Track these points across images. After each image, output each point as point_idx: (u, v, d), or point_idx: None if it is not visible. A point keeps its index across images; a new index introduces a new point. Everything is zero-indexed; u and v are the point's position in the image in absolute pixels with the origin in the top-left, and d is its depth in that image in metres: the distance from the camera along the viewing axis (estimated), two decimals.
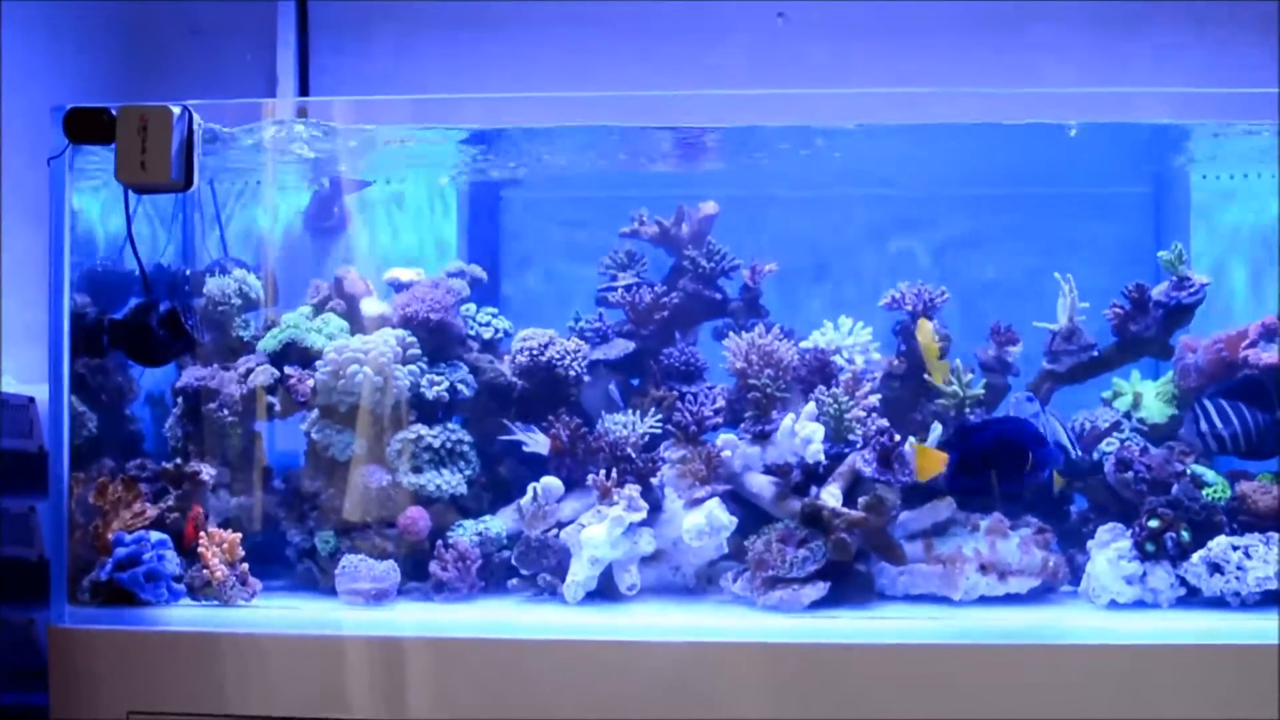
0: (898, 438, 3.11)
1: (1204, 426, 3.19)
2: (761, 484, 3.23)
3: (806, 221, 3.93)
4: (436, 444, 3.30)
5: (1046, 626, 2.96)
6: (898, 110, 3.18)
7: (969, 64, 3.95)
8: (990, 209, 3.93)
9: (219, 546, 3.12)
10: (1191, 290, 3.24)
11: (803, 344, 3.44)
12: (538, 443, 3.30)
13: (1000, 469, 2.98)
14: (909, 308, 3.40)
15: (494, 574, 3.23)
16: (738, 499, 3.24)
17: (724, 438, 3.30)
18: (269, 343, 3.43)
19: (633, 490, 3.15)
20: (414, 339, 3.38)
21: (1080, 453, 3.22)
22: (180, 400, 3.41)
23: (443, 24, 4.06)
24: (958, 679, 2.84)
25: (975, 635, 2.92)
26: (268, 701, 2.93)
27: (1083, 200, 3.94)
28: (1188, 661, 2.82)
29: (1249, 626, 2.86)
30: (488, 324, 3.54)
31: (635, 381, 3.55)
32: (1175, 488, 3.14)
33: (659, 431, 3.32)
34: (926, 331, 3.29)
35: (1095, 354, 3.32)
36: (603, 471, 3.19)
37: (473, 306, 3.56)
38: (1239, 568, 2.98)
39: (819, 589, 3.00)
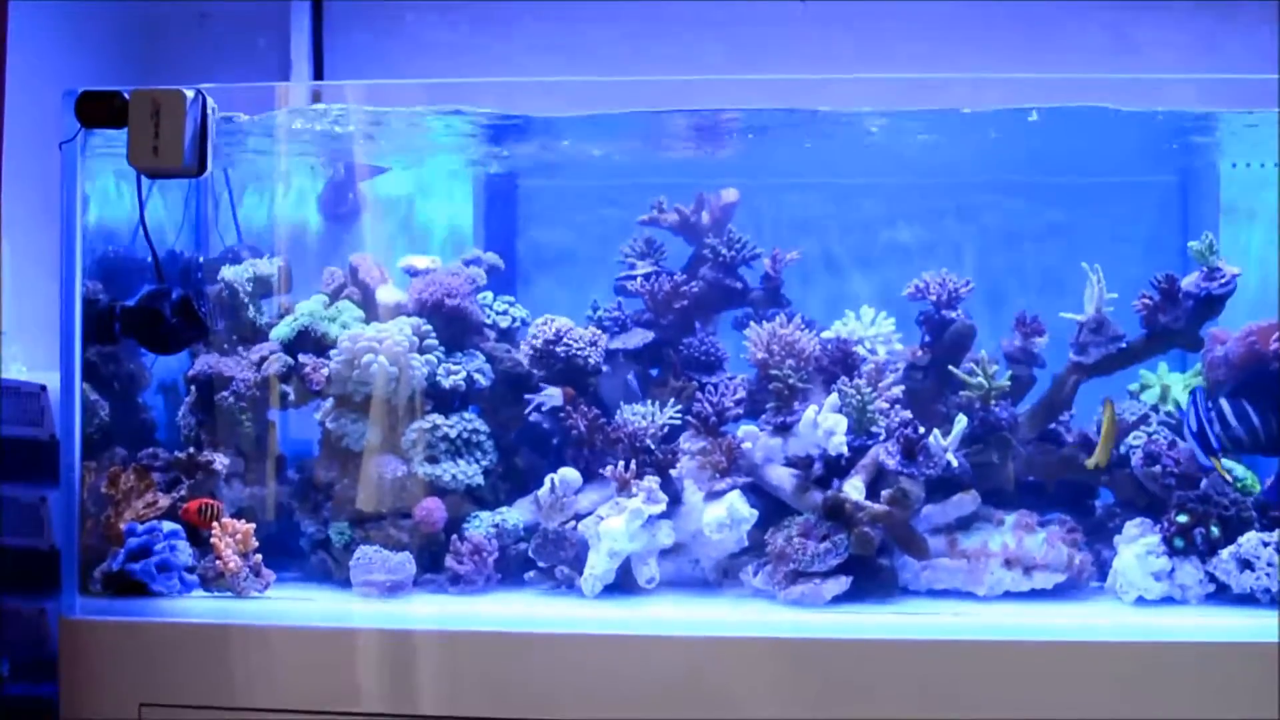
0: (921, 430, 3.07)
1: (1217, 428, 3.12)
2: (783, 476, 3.19)
3: (828, 209, 3.88)
4: (453, 434, 3.26)
5: (1073, 623, 2.92)
6: (920, 96, 3.15)
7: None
8: (1017, 196, 3.88)
9: (232, 537, 3.09)
10: (1222, 281, 3.18)
11: (824, 334, 3.40)
12: (552, 397, 3.27)
13: None
14: (933, 298, 3.36)
15: (510, 566, 3.21)
16: (758, 491, 3.20)
17: (745, 429, 3.26)
18: (283, 330, 3.39)
19: (652, 482, 3.12)
20: (430, 327, 3.35)
21: None
22: (193, 388, 3.39)
23: (459, 13, 4.02)
24: (982, 676, 2.80)
25: (1000, 632, 2.88)
26: (281, 695, 2.90)
27: (1109, 189, 3.89)
28: (1217, 659, 2.77)
29: None
30: (504, 312, 3.51)
31: (654, 371, 3.51)
32: (1204, 482, 3.10)
33: (678, 422, 3.28)
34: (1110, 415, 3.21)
35: (1124, 345, 3.26)
36: (621, 463, 3.15)
37: (489, 295, 3.53)
38: (1269, 564, 2.94)
39: (841, 583, 2.97)
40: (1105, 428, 3.19)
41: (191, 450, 3.28)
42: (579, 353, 3.34)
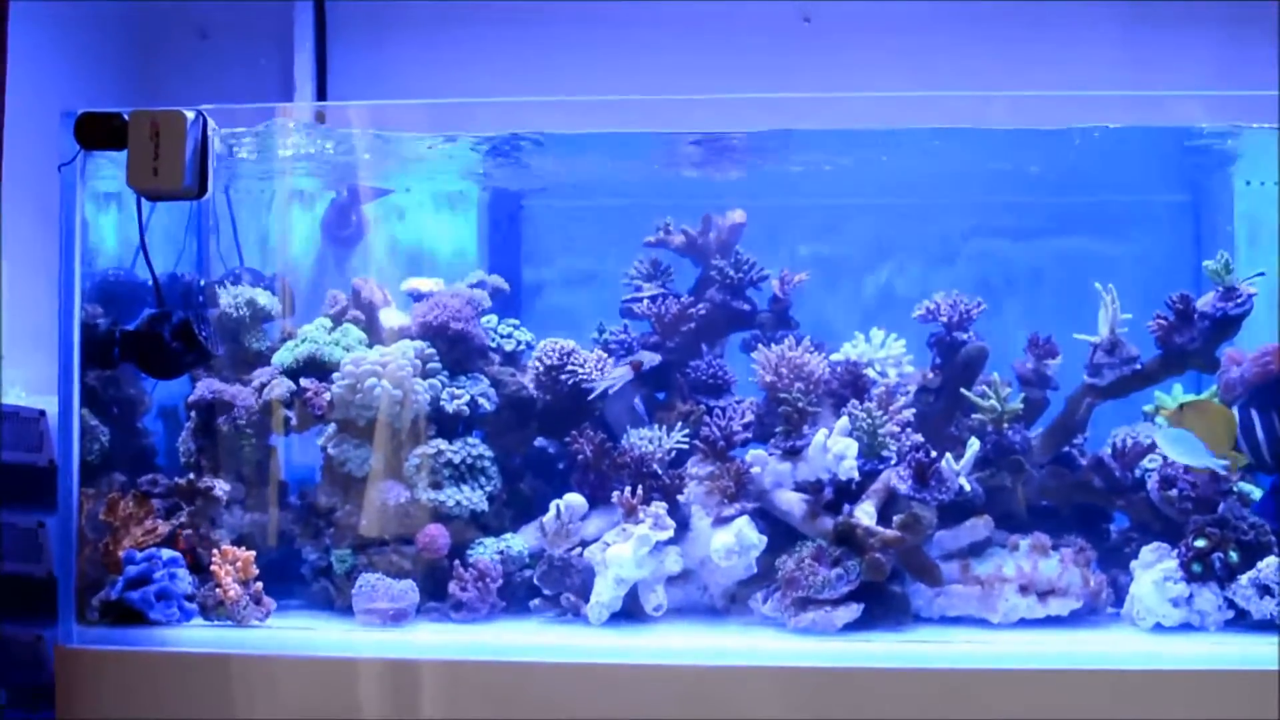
0: (933, 453, 3.04)
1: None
2: (792, 501, 3.15)
3: (836, 229, 3.85)
4: (456, 459, 3.22)
5: (1090, 651, 2.88)
6: (928, 114, 3.12)
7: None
8: (1024, 216, 3.84)
9: (232, 565, 3.06)
10: (1238, 301, 3.15)
11: (834, 356, 3.37)
12: (619, 375, 3.25)
13: None
14: (944, 319, 3.32)
15: (515, 594, 3.17)
16: (767, 517, 3.16)
17: (753, 453, 3.23)
18: (285, 356, 3.35)
19: (659, 507, 3.08)
20: (433, 350, 3.32)
21: None
22: (193, 414, 3.35)
23: (465, 23, 3.99)
24: (997, 705, 2.76)
25: (1015, 660, 2.84)
26: None
27: (1119, 209, 3.86)
28: (1237, 687, 2.73)
29: None
30: (509, 335, 3.48)
31: (661, 395, 3.48)
32: (1222, 506, 3.07)
33: (686, 447, 3.24)
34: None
35: (1138, 367, 3.22)
36: (628, 488, 3.12)
37: (494, 318, 3.50)
38: None
39: (852, 611, 2.94)
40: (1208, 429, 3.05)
41: (191, 476, 3.25)
42: (585, 376, 3.30)
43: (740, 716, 2.81)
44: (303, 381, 3.30)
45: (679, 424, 3.28)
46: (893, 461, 3.11)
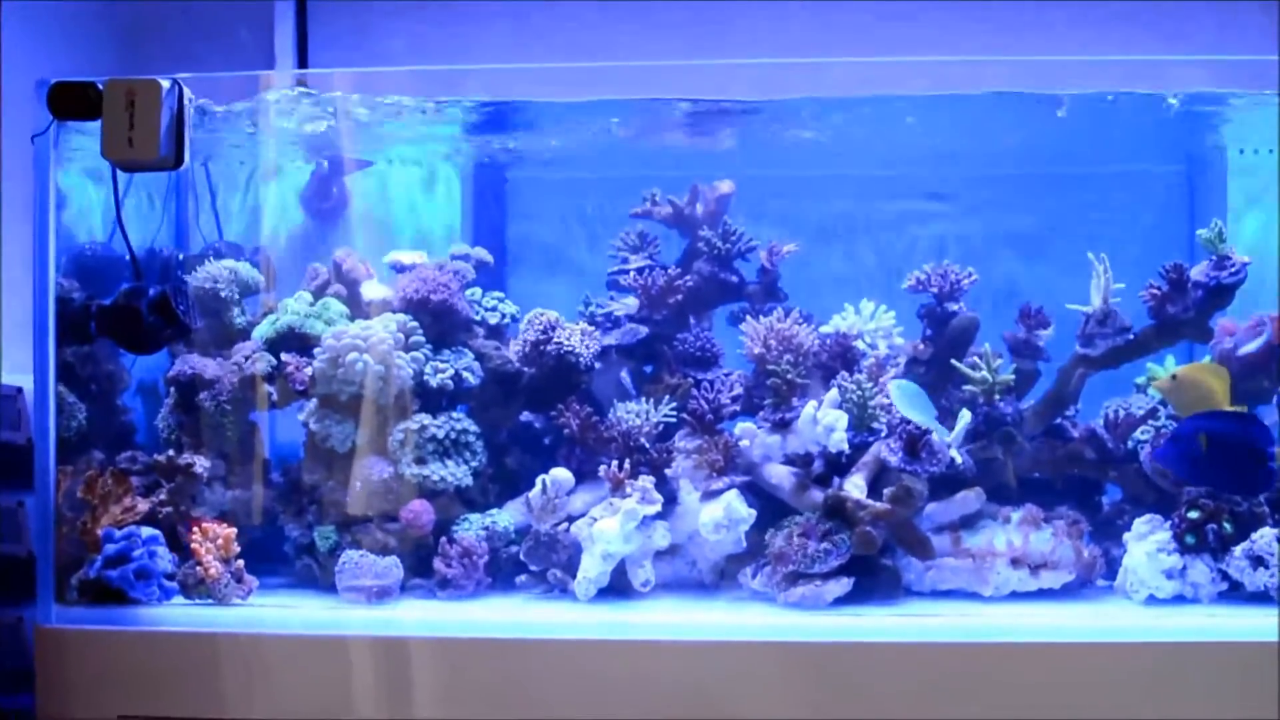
0: (924, 425, 3.00)
1: None
2: (781, 475, 3.13)
3: (825, 200, 3.83)
4: (441, 434, 3.20)
5: (1083, 624, 2.87)
6: (917, 80, 3.09)
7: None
8: (1018, 187, 3.81)
9: (213, 542, 3.03)
10: (1232, 270, 3.13)
11: (823, 328, 3.34)
12: (628, 306, 3.31)
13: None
14: (934, 290, 3.30)
15: (501, 570, 3.15)
16: (756, 491, 3.15)
17: (742, 426, 3.21)
18: (265, 329, 3.31)
19: (646, 482, 3.06)
20: (416, 324, 3.29)
21: None
22: (173, 390, 3.32)
23: (446, 8, 3.95)
24: (989, 679, 2.74)
25: (1007, 633, 2.83)
26: (264, 705, 2.85)
27: (1112, 179, 3.83)
28: (1230, 659, 2.71)
29: None
30: (494, 309, 3.46)
31: (648, 368, 3.45)
32: None
33: (673, 420, 3.22)
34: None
35: (1131, 337, 3.19)
36: (615, 462, 3.10)
37: (478, 291, 3.46)
38: None
39: (842, 585, 2.92)
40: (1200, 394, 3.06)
41: (171, 453, 3.22)
42: (570, 349, 3.26)
43: (730, 692, 2.79)
44: (283, 356, 3.26)
45: (666, 397, 3.25)
46: (883, 434, 3.09)
